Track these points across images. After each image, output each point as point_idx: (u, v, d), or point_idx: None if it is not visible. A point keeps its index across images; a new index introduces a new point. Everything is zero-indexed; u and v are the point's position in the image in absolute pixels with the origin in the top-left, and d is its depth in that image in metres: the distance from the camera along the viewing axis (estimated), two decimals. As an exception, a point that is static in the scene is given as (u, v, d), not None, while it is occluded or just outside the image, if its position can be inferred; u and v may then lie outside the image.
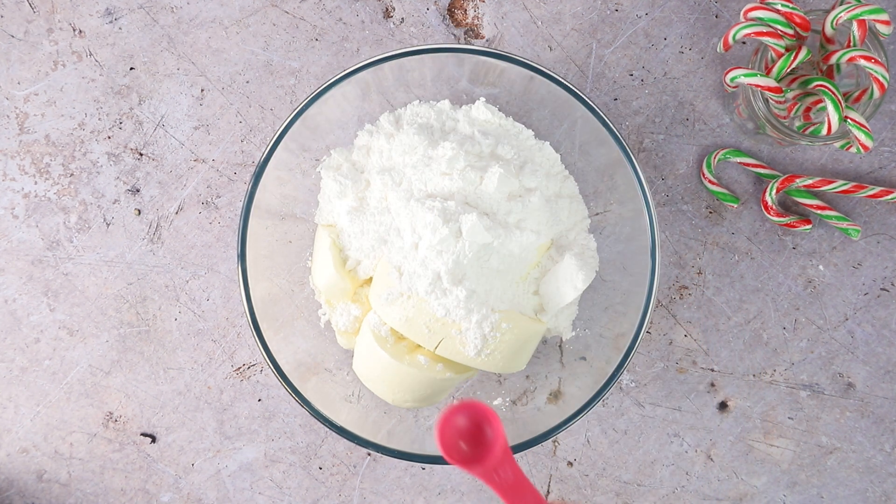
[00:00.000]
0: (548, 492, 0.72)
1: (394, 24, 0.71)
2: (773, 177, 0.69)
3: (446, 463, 0.60)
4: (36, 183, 0.71)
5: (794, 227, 0.69)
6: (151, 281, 0.71)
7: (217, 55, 0.71)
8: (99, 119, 0.71)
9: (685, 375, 0.71)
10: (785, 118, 0.66)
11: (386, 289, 0.61)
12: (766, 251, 0.70)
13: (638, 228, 0.62)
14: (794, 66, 0.61)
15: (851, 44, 0.61)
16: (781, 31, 0.61)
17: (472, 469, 0.42)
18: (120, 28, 0.71)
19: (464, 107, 0.67)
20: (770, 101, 0.62)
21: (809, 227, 0.69)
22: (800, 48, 0.61)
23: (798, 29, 0.61)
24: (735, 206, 0.69)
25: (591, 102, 0.60)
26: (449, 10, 0.71)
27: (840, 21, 0.60)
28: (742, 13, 0.62)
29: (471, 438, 0.42)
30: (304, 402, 0.61)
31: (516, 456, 0.71)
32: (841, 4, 0.60)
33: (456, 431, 0.42)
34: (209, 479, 0.72)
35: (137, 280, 0.71)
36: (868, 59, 0.59)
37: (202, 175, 0.71)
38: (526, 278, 0.64)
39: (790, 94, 0.65)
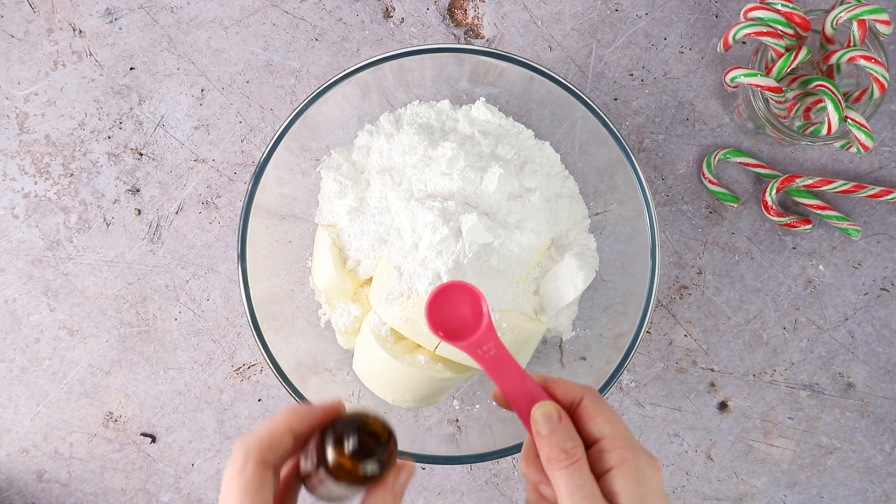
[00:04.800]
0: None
1: (394, 24, 0.71)
2: (773, 177, 0.69)
3: (447, 463, 0.60)
4: (36, 183, 0.71)
5: (794, 227, 0.69)
6: (151, 281, 0.71)
7: (217, 55, 0.71)
8: (99, 119, 0.71)
9: (685, 375, 0.71)
10: (785, 118, 0.66)
11: (386, 289, 0.61)
12: (766, 251, 0.70)
13: (638, 228, 0.62)
14: (794, 66, 0.61)
15: (851, 44, 0.61)
16: (781, 31, 0.61)
17: (458, 343, 0.46)
18: (120, 28, 0.71)
19: (464, 107, 0.67)
20: (770, 101, 0.62)
21: (809, 227, 0.69)
22: (800, 48, 0.61)
23: (798, 29, 0.61)
24: (735, 206, 0.69)
25: (591, 102, 0.60)
26: (449, 10, 0.71)
27: (840, 21, 0.60)
28: (742, 13, 0.62)
29: (458, 316, 0.47)
30: (305, 402, 0.61)
31: (516, 456, 0.71)
32: (841, 4, 0.60)
33: (444, 310, 0.46)
34: (209, 479, 0.72)
35: (137, 280, 0.71)
36: (868, 59, 0.59)
37: (202, 175, 0.71)
38: (526, 278, 0.64)
39: (790, 94, 0.65)
